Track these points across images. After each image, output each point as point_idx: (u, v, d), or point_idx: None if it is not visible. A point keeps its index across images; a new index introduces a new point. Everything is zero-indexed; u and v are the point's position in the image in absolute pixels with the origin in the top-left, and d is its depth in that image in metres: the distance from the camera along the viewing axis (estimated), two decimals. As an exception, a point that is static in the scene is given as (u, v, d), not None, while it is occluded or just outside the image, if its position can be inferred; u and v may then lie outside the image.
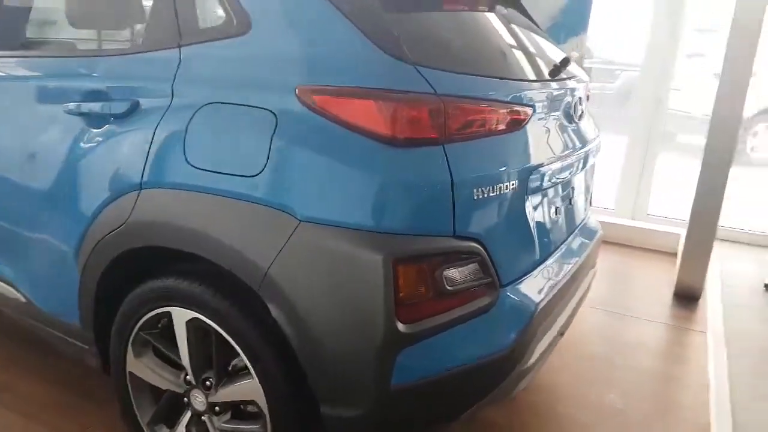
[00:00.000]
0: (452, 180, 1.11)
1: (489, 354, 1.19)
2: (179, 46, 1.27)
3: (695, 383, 2.04)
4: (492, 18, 1.48)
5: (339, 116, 1.10)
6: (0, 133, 1.56)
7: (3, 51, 1.66)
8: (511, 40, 1.49)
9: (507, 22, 1.54)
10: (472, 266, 1.17)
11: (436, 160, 1.10)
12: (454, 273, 1.14)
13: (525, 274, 1.32)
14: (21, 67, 1.62)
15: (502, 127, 1.23)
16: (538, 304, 1.28)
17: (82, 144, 1.37)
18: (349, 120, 1.09)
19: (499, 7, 1.55)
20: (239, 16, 1.21)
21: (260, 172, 1.13)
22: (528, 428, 1.76)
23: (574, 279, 1.53)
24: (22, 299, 1.61)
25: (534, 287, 1.32)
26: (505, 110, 1.23)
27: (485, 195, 1.16)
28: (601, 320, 2.49)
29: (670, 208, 3.59)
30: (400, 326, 1.08)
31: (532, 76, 1.40)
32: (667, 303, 2.70)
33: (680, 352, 2.31)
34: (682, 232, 2.92)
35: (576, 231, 1.67)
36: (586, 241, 1.71)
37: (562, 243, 1.55)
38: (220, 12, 1.25)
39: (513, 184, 1.22)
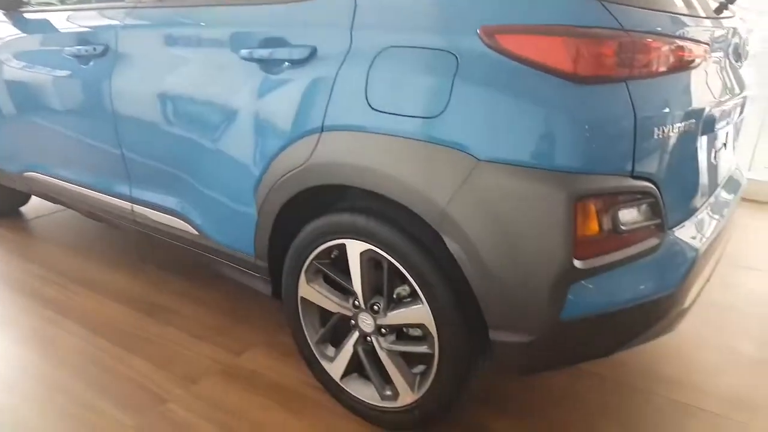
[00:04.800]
0: (635, 118, 1.11)
1: (654, 294, 1.22)
2: None
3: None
4: None
5: (523, 55, 1.11)
6: (175, 78, 1.66)
7: (173, 2, 1.72)
8: None
9: None
10: (645, 207, 1.20)
11: (620, 97, 1.10)
12: (629, 213, 1.17)
13: (687, 218, 1.33)
14: (191, 16, 1.68)
15: (683, 64, 1.21)
16: (700, 247, 1.29)
17: (258, 89, 1.46)
18: (533, 58, 1.10)
19: None
20: None
21: (440, 113, 1.18)
22: (662, 364, 1.80)
23: (726, 225, 1.51)
24: (194, 232, 1.80)
25: (696, 231, 1.33)
26: (687, 47, 1.21)
27: (664, 134, 1.17)
28: (724, 271, 2.43)
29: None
30: (576, 263, 1.13)
31: (703, 12, 1.35)
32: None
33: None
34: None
35: (727, 178, 1.63)
36: (735, 189, 1.66)
37: (716, 189, 1.52)
38: None
39: (690, 125, 1.21)
